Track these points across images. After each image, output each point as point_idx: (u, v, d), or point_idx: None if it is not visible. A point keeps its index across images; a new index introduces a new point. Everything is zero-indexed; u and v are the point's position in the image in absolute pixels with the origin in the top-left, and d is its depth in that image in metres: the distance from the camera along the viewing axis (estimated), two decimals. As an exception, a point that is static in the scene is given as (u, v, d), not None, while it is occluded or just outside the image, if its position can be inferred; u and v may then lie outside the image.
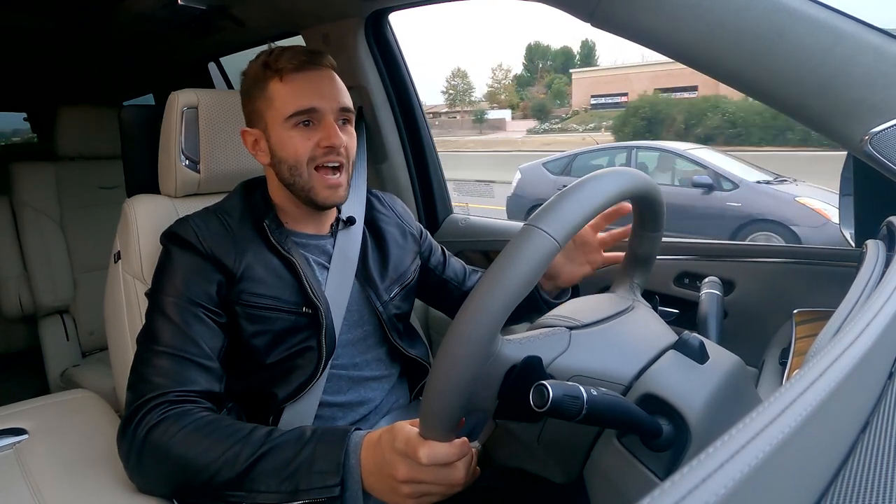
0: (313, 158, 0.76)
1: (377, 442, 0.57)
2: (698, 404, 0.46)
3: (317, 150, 0.75)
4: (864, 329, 0.32)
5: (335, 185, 0.77)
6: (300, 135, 0.75)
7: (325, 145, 0.75)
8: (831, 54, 0.56)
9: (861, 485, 0.25)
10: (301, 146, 0.75)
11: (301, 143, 0.75)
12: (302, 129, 0.75)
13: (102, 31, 1.63)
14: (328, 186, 0.77)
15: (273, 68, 0.76)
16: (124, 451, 0.64)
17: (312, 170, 0.76)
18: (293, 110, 0.74)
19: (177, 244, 0.75)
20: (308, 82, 0.75)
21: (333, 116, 0.76)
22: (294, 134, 0.75)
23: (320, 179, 0.76)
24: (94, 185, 1.86)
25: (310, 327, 0.77)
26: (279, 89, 0.76)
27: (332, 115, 0.76)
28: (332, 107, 0.76)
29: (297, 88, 0.75)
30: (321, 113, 0.75)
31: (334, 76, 0.79)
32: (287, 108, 0.75)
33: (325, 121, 0.75)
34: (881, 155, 0.56)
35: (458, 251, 1.30)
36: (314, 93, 0.75)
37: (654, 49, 0.65)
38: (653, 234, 0.64)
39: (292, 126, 0.75)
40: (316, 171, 0.76)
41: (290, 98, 0.75)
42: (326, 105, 0.75)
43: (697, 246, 1.00)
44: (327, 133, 0.75)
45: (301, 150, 0.75)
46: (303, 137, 0.75)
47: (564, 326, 0.53)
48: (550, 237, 0.45)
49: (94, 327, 1.83)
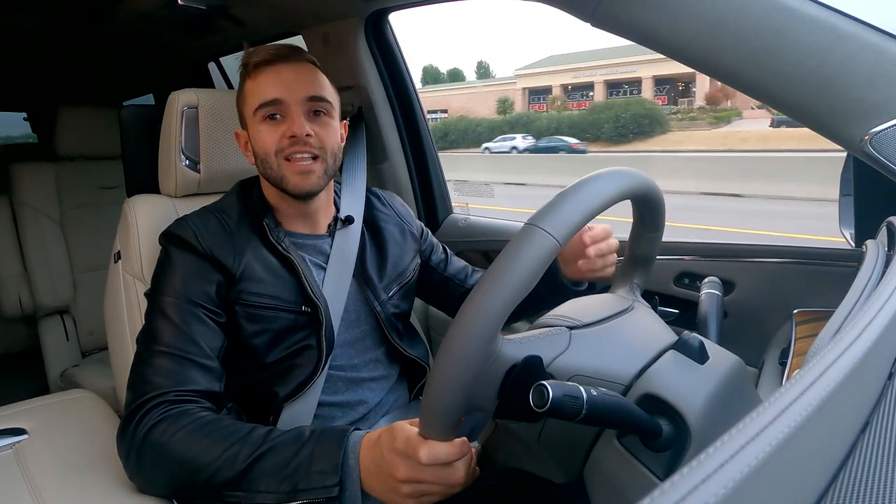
0: (281, 150, 0.77)
1: (376, 442, 0.57)
2: (698, 404, 0.46)
3: (283, 142, 0.76)
4: (864, 329, 0.32)
5: (305, 170, 0.77)
6: (268, 128, 0.77)
7: (289, 135, 0.76)
8: (831, 54, 0.56)
9: (861, 485, 0.25)
10: (268, 138, 0.77)
11: (268, 135, 0.77)
12: (269, 122, 0.77)
13: (102, 31, 1.63)
14: (298, 172, 0.77)
15: (246, 67, 0.78)
16: (124, 450, 0.64)
17: (282, 160, 0.77)
18: (258, 103, 0.76)
19: (176, 244, 0.75)
20: (273, 75, 0.77)
21: (301, 108, 0.77)
22: (262, 128, 0.77)
23: (289, 167, 0.77)
24: (94, 185, 1.86)
25: (309, 326, 0.77)
26: (250, 86, 0.78)
27: (298, 105, 0.76)
28: (297, 97, 0.76)
29: (263, 82, 0.77)
30: (286, 104, 0.76)
31: (305, 68, 0.79)
32: (254, 102, 0.77)
33: (290, 112, 0.76)
34: (881, 155, 0.56)
35: (458, 251, 1.30)
36: (278, 84, 0.76)
37: (655, 49, 0.65)
38: (652, 234, 0.64)
39: (261, 120, 0.77)
40: (286, 161, 0.77)
41: (256, 92, 0.77)
42: (290, 96, 0.76)
43: (697, 246, 1.00)
44: (290, 124, 0.76)
45: (268, 142, 0.77)
46: (270, 130, 0.77)
47: (564, 326, 0.53)
48: (551, 236, 0.45)
49: (93, 327, 1.83)
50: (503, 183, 9.29)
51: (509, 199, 5.30)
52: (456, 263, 1.02)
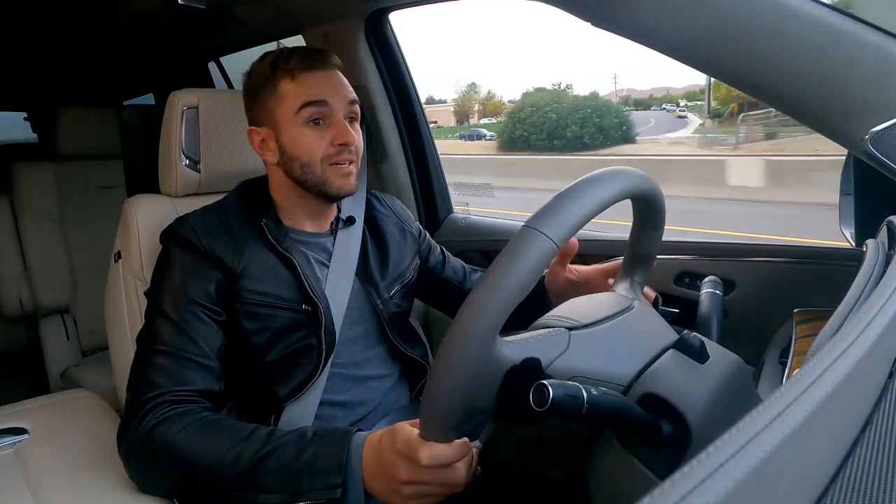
0: (327, 157, 0.77)
1: (378, 443, 0.57)
2: (698, 404, 0.46)
3: (330, 149, 0.77)
4: (864, 329, 0.32)
5: (347, 173, 0.79)
6: (313, 133, 0.77)
7: (339, 143, 0.77)
8: (831, 53, 0.56)
9: (861, 484, 0.25)
10: (315, 144, 0.77)
11: (315, 141, 0.77)
12: (313, 127, 0.77)
13: (102, 30, 1.62)
14: (342, 175, 0.79)
15: (284, 68, 0.77)
16: (124, 450, 0.64)
17: (328, 165, 0.78)
18: (301, 102, 0.76)
19: (176, 243, 0.75)
20: (318, 79, 0.77)
21: (343, 113, 0.78)
22: (306, 132, 0.77)
23: (334, 171, 0.78)
24: (95, 185, 1.86)
25: (309, 324, 0.77)
26: (290, 88, 0.77)
27: (342, 111, 0.78)
28: (342, 103, 0.78)
29: (309, 85, 0.77)
30: (332, 109, 0.77)
31: (341, 75, 0.81)
32: (296, 103, 0.76)
33: (336, 118, 0.77)
34: (881, 154, 0.56)
35: (458, 251, 1.30)
36: (325, 88, 0.77)
37: (655, 49, 0.65)
38: (653, 233, 0.64)
39: (303, 123, 0.77)
40: (331, 167, 0.78)
41: (301, 94, 0.76)
42: (336, 101, 0.77)
43: (698, 245, 1.00)
44: (340, 131, 0.77)
45: (315, 148, 0.77)
46: (315, 136, 0.77)
47: (564, 327, 0.53)
48: (548, 239, 0.45)
49: (94, 327, 1.83)
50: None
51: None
52: (454, 264, 1.03)
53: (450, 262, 1.02)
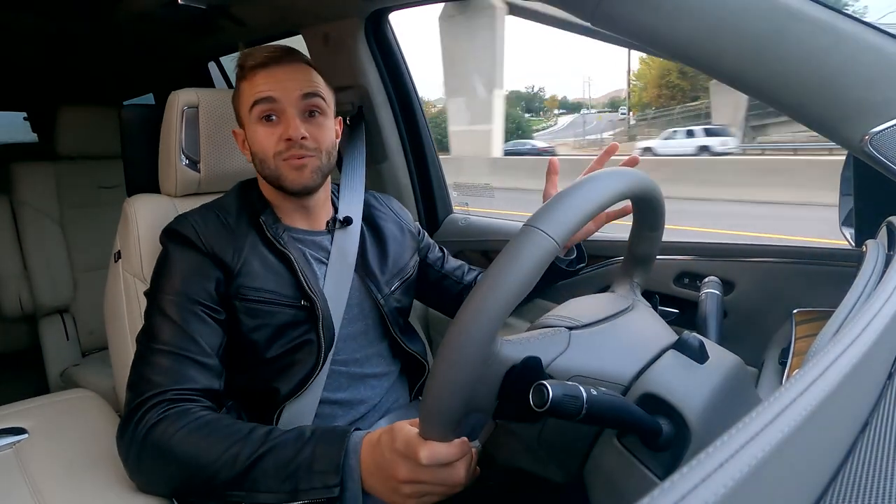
0: (279, 153, 0.78)
1: (377, 442, 0.57)
2: (698, 404, 0.46)
3: (280, 144, 0.77)
4: (864, 329, 0.32)
5: (300, 166, 0.78)
6: (265, 129, 0.78)
7: (285, 138, 0.77)
8: (831, 54, 0.56)
9: (861, 484, 0.25)
10: (266, 140, 0.78)
11: (266, 137, 0.78)
12: (265, 123, 0.78)
13: (102, 30, 1.62)
14: (294, 168, 0.78)
15: (242, 68, 0.80)
16: (124, 450, 0.64)
17: (280, 161, 0.78)
18: (252, 100, 0.77)
19: (176, 242, 0.76)
20: (268, 75, 0.78)
21: (295, 108, 0.78)
22: (259, 129, 0.78)
23: (285, 165, 0.78)
24: (95, 185, 1.86)
25: (308, 320, 0.77)
26: (245, 87, 0.79)
27: (293, 107, 0.77)
28: (292, 97, 0.77)
29: (258, 83, 0.78)
30: (280, 103, 0.77)
31: (299, 68, 0.80)
32: (248, 101, 0.78)
33: (286, 114, 0.78)
34: (881, 155, 0.56)
35: (458, 251, 1.30)
36: (272, 83, 0.77)
37: (655, 48, 0.65)
38: (652, 234, 0.64)
39: (257, 120, 0.78)
40: (283, 161, 0.78)
41: (251, 91, 0.78)
42: (284, 95, 0.77)
43: (697, 245, 1.00)
44: (286, 126, 0.77)
45: (266, 144, 0.78)
46: (267, 132, 0.78)
47: (564, 326, 0.53)
48: (550, 238, 0.45)
49: (94, 327, 1.83)
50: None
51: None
52: (452, 261, 1.04)
53: (449, 261, 1.03)
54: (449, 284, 1.00)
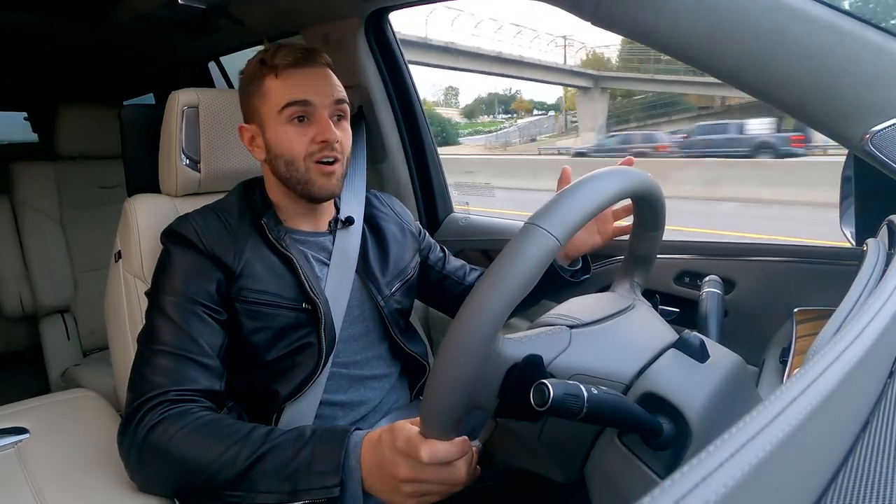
0: (310, 154, 0.77)
1: (377, 441, 0.57)
2: (699, 403, 0.46)
3: (312, 146, 0.76)
4: (864, 328, 0.32)
5: (330, 172, 0.78)
6: (295, 130, 0.76)
7: (320, 140, 0.76)
8: (831, 54, 0.56)
9: (861, 484, 0.25)
10: (297, 142, 0.76)
11: (296, 138, 0.76)
12: (296, 124, 0.77)
13: (102, 30, 1.62)
14: (324, 174, 0.78)
15: (269, 64, 0.77)
16: (125, 450, 0.64)
17: (311, 164, 0.77)
18: (285, 101, 0.76)
19: (177, 242, 0.75)
20: (302, 77, 0.77)
21: (328, 112, 0.77)
22: (289, 129, 0.76)
23: (316, 169, 0.77)
24: (95, 185, 1.86)
25: (309, 323, 0.77)
26: (274, 85, 0.77)
27: (326, 110, 0.77)
28: (326, 102, 0.77)
29: (292, 83, 0.76)
30: (315, 107, 0.76)
31: (329, 73, 0.80)
32: (280, 101, 0.76)
33: (319, 115, 0.77)
34: (882, 154, 0.56)
35: (458, 250, 1.30)
36: (308, 87, 0.76)
37: (655, 48, 0.65)
38: (653, 233, 0.64)
39: (286, 121, 0.76)
40: (315, 164, 0.77)
41: (284, 92, 0.76)
42: (320, 99, 0.76)
43: (698, 245, 1.00)
44: (321, 128, 0.76)
45: (297, 145, 0.76)
46: (298, 133, 0.76)
47: (565, 325, 0.53)
48: (551, 235, 0.45)
49: (94, 326, 1.83)
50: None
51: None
52: (454, 262, 1.03)
53: (450, 261, 1.03)
54: (450, 285, 1.00)
